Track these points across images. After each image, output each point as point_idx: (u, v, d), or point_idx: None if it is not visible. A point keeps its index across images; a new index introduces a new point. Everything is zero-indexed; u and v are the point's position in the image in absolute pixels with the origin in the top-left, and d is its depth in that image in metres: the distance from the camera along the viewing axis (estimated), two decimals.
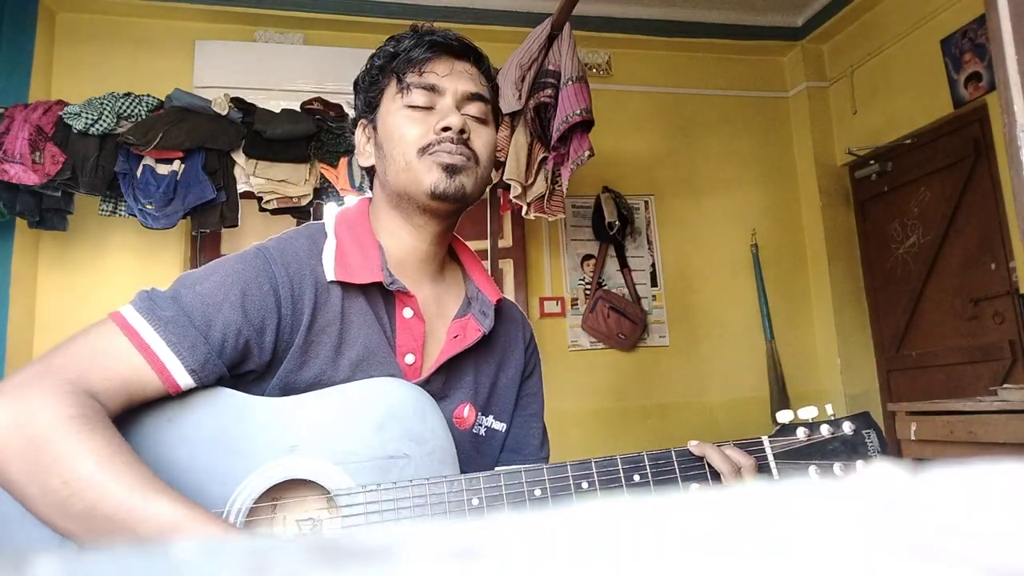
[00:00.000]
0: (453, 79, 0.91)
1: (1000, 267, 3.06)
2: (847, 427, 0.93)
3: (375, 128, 0.94)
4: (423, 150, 0.87)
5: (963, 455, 1.87)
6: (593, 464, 0.84)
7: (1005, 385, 2.06)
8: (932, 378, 3.35)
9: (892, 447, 3.12)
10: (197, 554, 0.14)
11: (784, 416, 0.95)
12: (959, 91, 3.19)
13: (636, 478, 0.85)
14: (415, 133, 0.88)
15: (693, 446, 0.88)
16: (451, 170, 0.87)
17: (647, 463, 0.86)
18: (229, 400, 0.80)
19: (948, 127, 3.30)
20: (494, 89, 0.97)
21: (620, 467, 0.85)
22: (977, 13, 3.03)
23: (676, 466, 0.87)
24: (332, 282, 0.86)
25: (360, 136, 0.97)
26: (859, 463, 0.92)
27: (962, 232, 3.24)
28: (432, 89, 0.90)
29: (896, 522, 0.15)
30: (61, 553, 0.13)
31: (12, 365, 2.83)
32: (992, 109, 3.03)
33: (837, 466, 0.91)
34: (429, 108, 0.89)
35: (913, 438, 2.04)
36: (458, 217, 0.96)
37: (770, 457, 0.91)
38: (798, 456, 0.92)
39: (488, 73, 0.96)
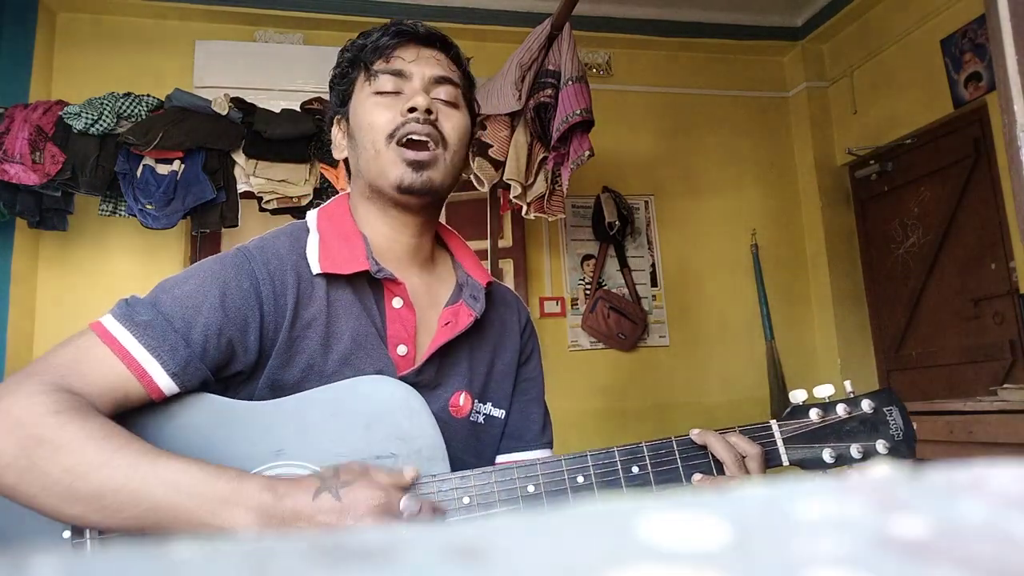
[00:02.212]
0: (420, 64, 0.90)
1: (1000, 267, 3.06)
2: (866, 405, 0.87)
3: (348, 120, 0.93)
4: (391, 136, 0.87)
5: (963, 455, 1.87)
6: (589, 457, 0.81)
7: (1005, 385, 2.06)
8: (932, 378, 3.35)
9: None
10: (197, 554, 0.14)
11: (797, 396, 0.89)
12: (959, 91, 3.19)
13: (635, 470, 0.82)
14: (384, 119, 0.88)
15: (695, 434, 0.85)
16: (417, 166, 0.86)
17: (646, 454, 0.83)
18: (213, 406, 0.78)
19: (948, 127, 3.30)
20: (467, 77, 0.96)
21: (618, 459, 0.82)
22: (977, 13, 3.03)
23: (677, 456, 0.84)
24: (317, 276, 0.85)
25: (336, 132, 0.97)
26: (880, 444, 0.85)
27: (962, 232, 3.24)
28: (399, 74, 0.89)
29: (896, 522, 0.15)
30: (61, 553, 0.13)
31: (12, 365, 2.83)
32: (992, 109, 3.03)
33: (855, 448, 0.85)
34: (397, 93, 0.89)
35: None
36: (437, 209, 0.94)
37: (779, 442, 0.86)
38: (811, 440, 0.86)
39: (458, 60, 0.96)
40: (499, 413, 0.96)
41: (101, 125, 2.65)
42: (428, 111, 0.87)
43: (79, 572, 0.13)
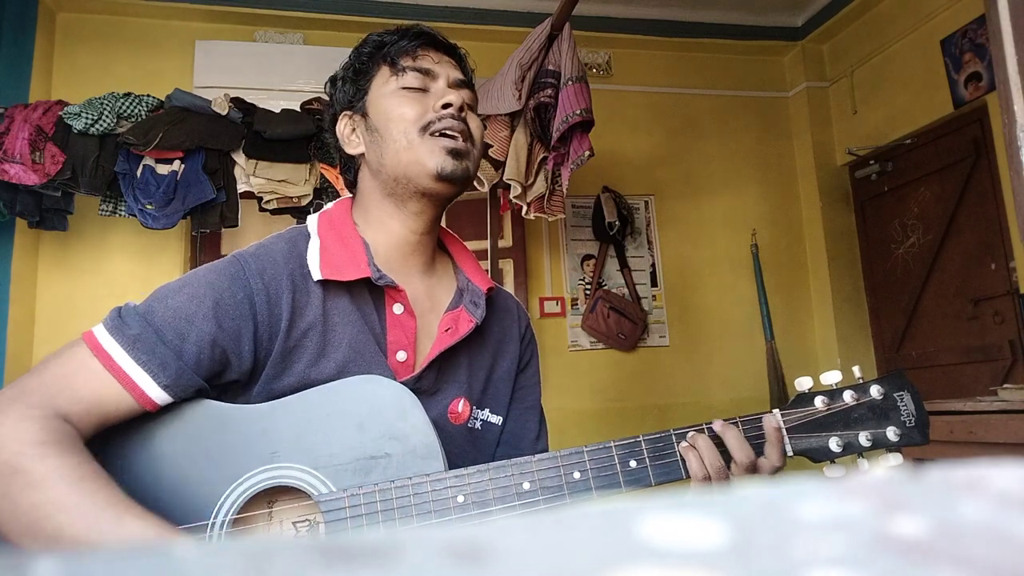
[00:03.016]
0: (443, 66, 0.93)
1: (1000, 267, 3.06)
2: (875, 391, 0.84)
3: (364, 115, 0.93)
4: (424, 128, 0.88)
5: (963, 455, 1.87)
6: (586, 452, 0.80)
7: (1005, 385, 2.06)
8: (932, 378, 3.35)
9: None
10: (197, 554, 0.14)
11: (803, 384, 0.86)
12: (959, 91, 3.19)
13: (632, 464, 0.80)
14: (415, 112, 0.88)
15: (718, 427, 0.83)
16: (455, 154, 0.87)
17: (644, 448, 0.81)
18: (208, 411, 0.79)
19: (948, 127, 3.30)
20: (473, 87, 0.99)
21: (615, 454, 0.80)
22: (977, 13, 3.03)
23: (677, 448, 0.82)
24: (315, 283, 0.85)
25: (344, 128, 0.96)
26: (890, 431, 0.82)
27: (962, 232, 3.24)
28: (426, 72, 0.91)
29: (896, 522, 0.15)
30: (61, 553, 0.13)
31: (12, 365, 2.83)
32: (992, 109, 3.03)
33: (863, 436, 0.82)
34: (423, 90, 0.91)
35: None
36: (448, 204, 0.95)
37: (783, 433, 0.85)
38: (816, 429, 0.84)
39: (467, 71, 0.98)
40: (496, 420, 0.95)
41: (101, 125, 2.65)
42: (460, 108, 0.89)
43: (79, 572, 0.13)
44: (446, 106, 0.88)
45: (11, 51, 3.00)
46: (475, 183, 2.86)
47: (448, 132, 0.87)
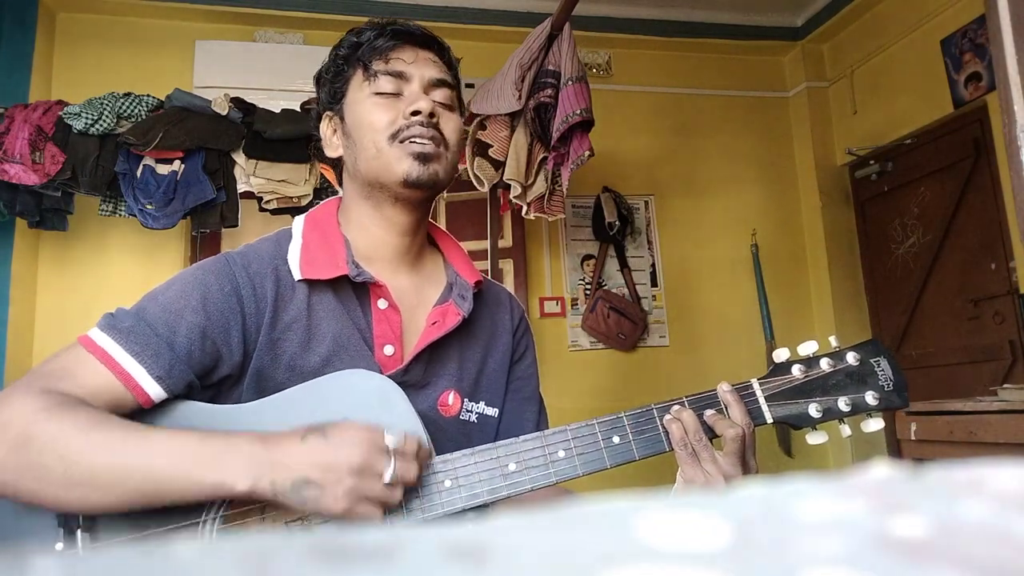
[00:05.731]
0: (419, 66, 0.92)
1: (1000, 267, 3.06)
2: (851, 358, 0.85)
3: (342, 118, 0.94)
4: (394, 136, 0.88)
5: (963, 455, 1.87)
6: (569, 431, 0.82)
7: (1005, 385, 2.06)
8: (932, 378, 3.35)
9: (892, 447, 3.11)
10: (197, 554, 0.14)
11: (780, 355, 0.87)
12: (959, 91, 3.19)
13: (616, 440, 0.82)
14: (385, 119, 0.88)
15: (724, 390, 0.84)
16: (423, 159, 0.87)
17: (626, 424, 0.83)
18: (195, 412, 0.79)
19: (948, 127, 3.30)
20: (457, 77, 0.98)
21: (598, 431, 0.82)
22: (977, 13, 3.03)
23: (659, 423, 0.84)
24: (299, 281, 0.86)
25: (326, 129, 0.97)
26: (869, 395, 0.83)
27: (962, 232, 3.24)
28: (399, 76, 0.90)
29: (896, 522, 0.15)
30: (61, 553, 0.13)
31: (12, 365, 2.83)
32: (992, 109, 3.03)
33: (842, 401, 0.83)
34: (397, 95, 0.90)
35: (913, 438, 2.03)
36: (428, 208, 0.95)
37: (761, 400, 0.85)
38: (795, 395, 0.84)
39: (450, 63, 0.97)
40: (492, 412, 0.96)
41: (101, 125, 2.65)
42: (431, 114, 0.88)
43: (79, 572, 0.13)
44: (415, 113, 0.88)
45: (11, 51, 3.00)
46: (475, 183, 2.86)
47: (416, 140, 0.87)
